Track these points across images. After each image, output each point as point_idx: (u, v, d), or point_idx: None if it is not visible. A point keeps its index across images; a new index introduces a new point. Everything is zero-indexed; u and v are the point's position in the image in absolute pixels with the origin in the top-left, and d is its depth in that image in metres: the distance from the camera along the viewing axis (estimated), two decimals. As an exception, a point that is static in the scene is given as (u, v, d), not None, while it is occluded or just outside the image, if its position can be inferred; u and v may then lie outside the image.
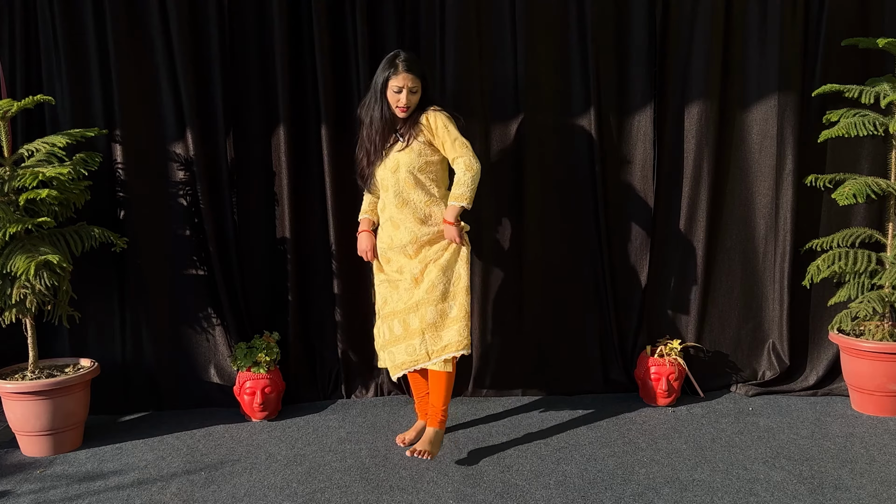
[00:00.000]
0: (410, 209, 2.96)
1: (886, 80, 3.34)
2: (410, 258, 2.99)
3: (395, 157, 2.97)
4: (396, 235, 2.99)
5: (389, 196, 2.99)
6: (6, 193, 3.09)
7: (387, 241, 3.03)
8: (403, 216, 2.96)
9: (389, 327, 3.02)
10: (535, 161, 3.56)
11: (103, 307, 3.56)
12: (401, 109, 2.92)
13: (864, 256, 3.36)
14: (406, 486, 2.71)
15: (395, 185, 2.96)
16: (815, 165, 3.57)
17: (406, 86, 2.88)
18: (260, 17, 3.51)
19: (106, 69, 3.45)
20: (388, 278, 3.05)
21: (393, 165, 2.97)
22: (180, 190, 3.55)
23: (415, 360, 2.95)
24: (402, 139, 2.96)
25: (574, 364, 3.67)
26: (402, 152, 2.95)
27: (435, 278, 2.92)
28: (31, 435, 3.10)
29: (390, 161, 2.98)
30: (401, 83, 2.88)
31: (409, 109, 2.92)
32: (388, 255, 3.04)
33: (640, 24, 3.52)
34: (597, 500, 2.58)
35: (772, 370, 3.64)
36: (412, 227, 2.96)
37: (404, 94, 2.88)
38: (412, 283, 2.97)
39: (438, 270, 2.93)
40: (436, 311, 2.91)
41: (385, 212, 3.04)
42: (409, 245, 2.97)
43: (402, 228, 2.97)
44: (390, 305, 3.02)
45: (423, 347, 2.92)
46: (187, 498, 2.67)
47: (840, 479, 2.69)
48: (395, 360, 3.00)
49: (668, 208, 3.63)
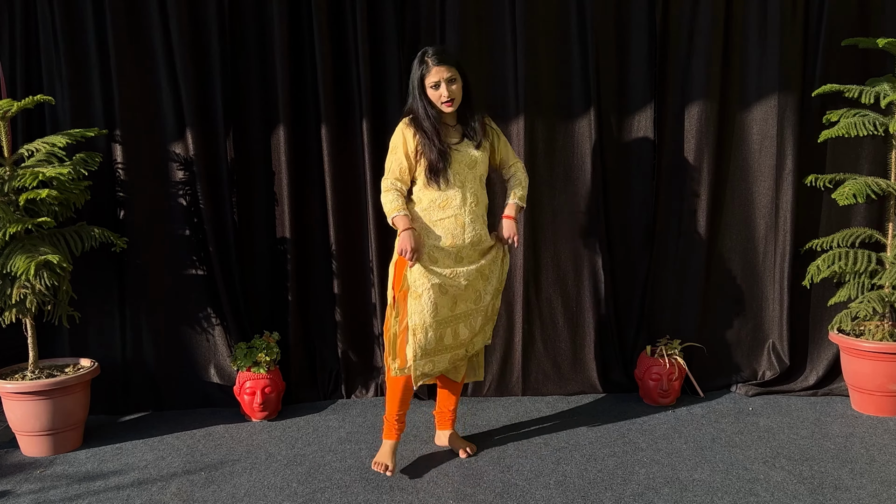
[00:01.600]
0: (480, 210, 2.90)
1: (886, 80, 3.34)
2: (461, 262, 2.85)
3: (473, 153, 2.87)
4: (458, 234, 2.83)
5: (463, 193, 2.84)
6: (6, 193, 3.09)
7: (444, 238, 2.82)
8: (474, 215, 2.86)
9: (440, 335, 2.82)
10: (535, 161, 3.56)
11: (103, 307, 3.56)
12: (446, 104, 2.79)
13: (864, 256, 3.36)
14: (406, 486, 2.71)
15: (473, 182, 2.87)
16: (815, 165, 3.57)
17: (442, 78, 2.76)
18: (260, 17, 3.51)
19: (106, 69, 3.45)
20: (440, 283, 2.81)
21: (471, 162, 2.87)
22: (180, 190, 3.56)
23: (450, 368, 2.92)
24: (472, 138, 2.88)
25: (574, 364, 3.67)
26: (479, 151, 2.88)
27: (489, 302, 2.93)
28: (31, 435, 3.10)
29: (466, 158, 2.86)
30: (436, 77, 2.77)
31: (455, 101, 2.81)
32: (436, 255, 2.82)
33: (640, 24, 3.52)
34: (597, 500, 2.58)
35: (772, 370, 3.64)
36: (479, 228, 2.88)
37: (444, 87, 2.77)
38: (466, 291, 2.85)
39: (494, 291, 2.95)
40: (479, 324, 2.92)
41: (448, 208, 2.84)
42: (469, 247, 2.85)
43: (469, 228, 2.85)
44: (442, 313, 2.81)
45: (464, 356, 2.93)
46: (187, 498, 2.67)
47: (840, 479, 2.69)
48: (436, 368, 2.83)
49: (668, 208, 3.63)
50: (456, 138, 2.89)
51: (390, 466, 2.83)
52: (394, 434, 2.91)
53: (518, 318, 3.63)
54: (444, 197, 2.85)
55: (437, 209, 2.85)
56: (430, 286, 2.79)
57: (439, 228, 2.84)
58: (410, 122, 2.85)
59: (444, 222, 2.84)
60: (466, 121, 2.90)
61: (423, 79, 2.80)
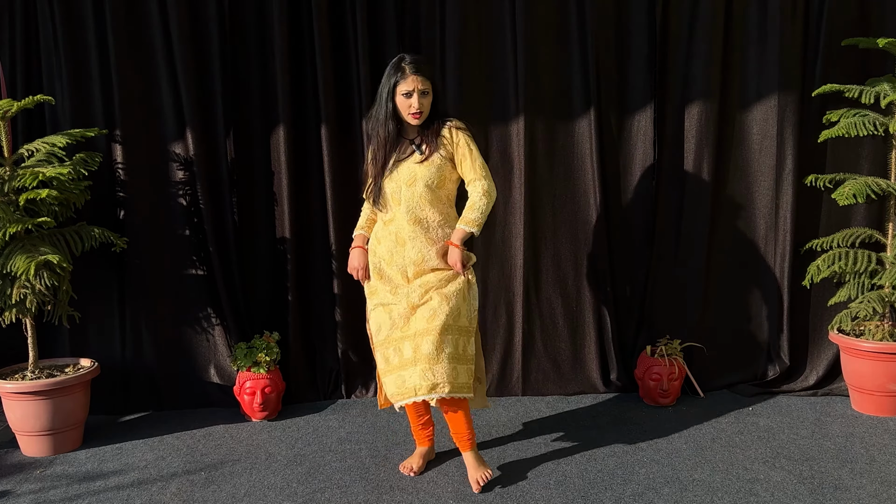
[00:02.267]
0: (422, 228, 2.71)
1: (886, 80, 3.34)
2: (408, 281, 2.73)
3: (412, 168, 2.71)
4: (399, 252, 2.73)
5: (401, 211, 2.72)
6: (6, 193, 3.09)
7: (385, 256, 2.76)
8: (414, 234, 2.71)
9: (384, 355, 2.73)
10: (535, 161, 3.56)
11: (103, 307, 3.56)
12: (414, 116, 2.68)
13: (864, 256, 3.36)
14: (406, 486, 2.71)
15: (410, 200, 2.70)
16: (815, 165, 3.57)
17: (416, 88, 2.65)
18: (260, 17, 3.51)
19: (106, 69, 3.45)
20: (381, 302, 2.77)
21: (409, 178, 2.71)
22: (180, 190, 3.56)
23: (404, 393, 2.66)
24: (420, 151, 2.73)
25: (574, 364, 3.68)
26: (421, 165, 2.71)
27: (437, 306, 2.65)
28: (31, 435, 3.10)
29: (405, 173, 2.72)
30: (410, 86, 2.65)
31: (423, 115, 2.69)
32: (384, 269, 2.76)
33: (640, 24, 3.52)
34: (597, 500, 2.58)
35: (772, 370, 3.64)
36: (421, 247, 2.70)
37: (415, 98, 2.65)
38: (409, 309, 2.70)
39: (441, 298, 2.66)
40: (432, 344, 2.60)
41: (390, 225, 2.76)
42: (411, 266, 2.71)
43: (410, 246, 2.71)
44: (384, 332, 2.72)
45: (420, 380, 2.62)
46: (187, 498, 2.67)
47: (840, 479, 2.69)
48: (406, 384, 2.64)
49: (668, 208, 3.63)
50: (405, 152, 2.75)
51: (414, 468, 2.83)
52: (421, 441, 2.91)
53: (518, 318, 3.63)
54: (389, 214, 2.77)
55: (382, 225, 2.81)
56: (373, 307, 2.80)
57: (383, 245, 2.78)
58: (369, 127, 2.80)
59: (385, 238, 2.78)
60: (425, 134, 2.75)
61: (395, 84, 2.67)
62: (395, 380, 2.67)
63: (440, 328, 2.61)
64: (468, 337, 2.70)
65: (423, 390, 2.60)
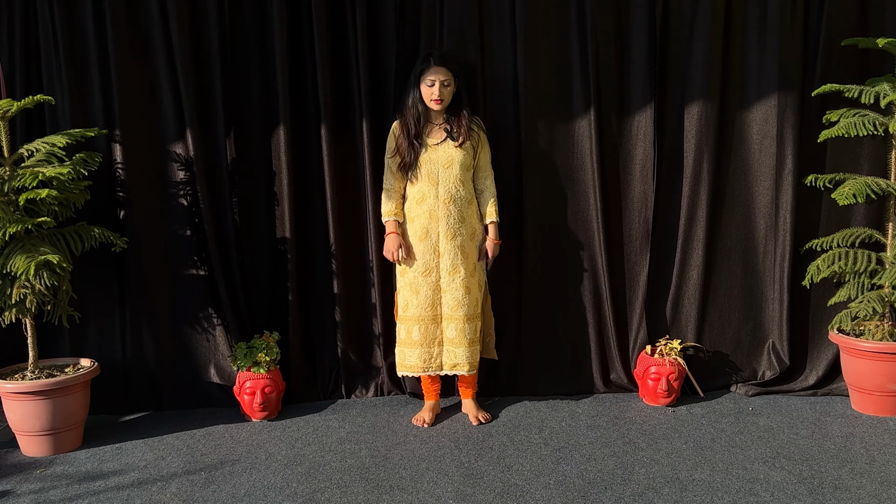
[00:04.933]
0: (456, 205, 3.18)
1: (886, 80, 3.35)
2: (439, 255, 3.18)
3: (449, 152, 3.19)
4: (434, 227, 3.18)
5: (437, 190, 3.18)
6: (6, 193, 3.09)
7: (420, 232, 3.20)
8: (448, 211, 3.17)
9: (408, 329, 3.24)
10: (535, 161, 3.56)
11: (103, 307, 3.56)
12: (435, 101, 3.14)
13: (863, 256, 3.36)
14: (406, 486, 2.71)
15: (447, 181, 3.18)
16: (815, 165, 3.57)
17: (438, 79, 3.12)
18: (260, 18, 3.51)
19: (106, 69, 3.45)
20: (410, 282, 3.22)
21: (447, 161, 3.18)
22: (180, 190, 3.55)
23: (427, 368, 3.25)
24: (453, 137, 3.18)
25: (574, 364, 3.68)
26: (458, 150, 3.19)
27: (461, 298, 3.19)
28: (31, 435, 3.10)
29: (443, 155, 3.19)
30: (432, 76, 3.12)
31: (444, 103, 3.16)
32: (418, 246, 3.20)
33: (640, 24, 3.52)
34: (597, 500, 2.58)
35: (772, 370, 3.64)
36: (455, 224, 3.18)
37: (436, 87, 3.12)
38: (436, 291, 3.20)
39: (464, 291, 3.21)
40: (456, 331, 3.20)
41: (423, 204, 3.20)
42: (443, 240, 3.17)
43: (444, 223, 3.17)
44: (411, 310, 3.22)
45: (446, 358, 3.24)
46: (187, 498, 2.67)
47: (840, 479, 2.69)
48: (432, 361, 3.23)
49: (668, 208, 3.63)
50: (438, 137, 3.21)
51: (427, 420, 3.27)
52: (430, 396, 3.34)
53: (517, 318, 3.63)
54: (420, 192, 3.21)
55: (415, 204, 3.23)
56: (402, 286, 3.25)
57: (416, 222, 3.21)
58: (398, 115, 3.23)
59: (420, 217, 3.21)
60: (452, 122, 3.21)
61: (421, 73, 3.16)
62: (421, 354, 3.22)
63: (464, 317, 3.20)
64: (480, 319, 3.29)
65: (447, 367, 3.24)
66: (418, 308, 3.21)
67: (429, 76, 3.13)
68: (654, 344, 3.56)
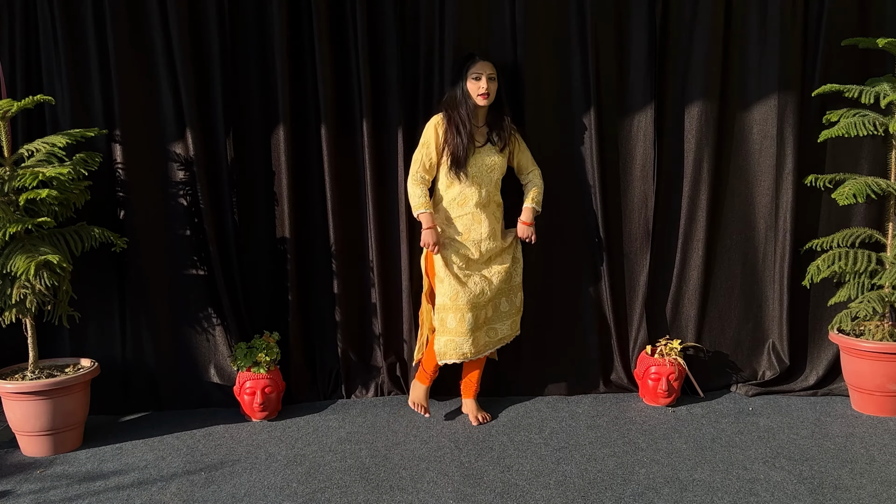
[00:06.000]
0: (491, 210, 3.27)
1: (886, 80, 3.35)
2: (480, 254, 3.25)
3: (493, 158, 3.25)
4: (476, 229, 3.24)
5: (480, 193, 3.23)
6: (6, 193, 3.09)
7: (462, 232, 3.24)
8: (488, 213, 3.25)
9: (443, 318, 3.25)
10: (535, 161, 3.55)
11: (103, 307, 3.56)
12: (482, 97, 3.15)
13: (864, 256, 3.36)
14: (406, 486, 2.71)
15: (489, 185, 3.25)
16: (815, 165, 3.57)
17: (485, 72, 3.15)
18: (260, 17, 3.51)
19: (106, 69, 3.45)
20: (453, 273, 3.24)
21: (490, 166, 3.24)
22: (180, 190, 3.56)
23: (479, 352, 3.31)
24: (493, 142, 3.25)
25: (574, 364, 3.68)
26: (499, 156, 3.26)
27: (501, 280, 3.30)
28: (31, 435, 3.10)
29: (487, 160, 3.24)
30: (479, 70, 3.15)
31: (490, 97, 3.17)
32: (460, 244, 3.25)
33: (640, 24, 3.52)
34: (597, 500, 2.58)
35: (772, 370, 3.64)
36: (493, 223, 3.27)
37: (484, 80, 3.14)
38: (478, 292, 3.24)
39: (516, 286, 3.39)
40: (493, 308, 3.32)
41: (466, 205, 3.24)
42: (485, 240, 3.24)
43: (485, 224, 3.24)
44: (462, 298, 3.22)
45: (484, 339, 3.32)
46: (187, 498, 2.67)
47: (840, 479, 2.69)
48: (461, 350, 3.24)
49: (667, 208, 3.63)
50: (481, 140, 3.25)
51: (425, 405, 3.33)
52: (426, 381, 3.34)
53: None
54: (463, 195, 3.24)
55: (456, 206, 3.25)
56: (448, 274, 3.23)
57: (459, 223, 3.25)
58: (444, 113, 3.23)
59: (462, 218, 3.25)
60: (493, 126, 3.26)
61: (468, 68, 3.18)
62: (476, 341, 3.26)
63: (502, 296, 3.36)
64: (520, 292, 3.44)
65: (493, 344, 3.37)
66: (457, 299, 3.21)
67: (475, 69, 3.15)
68: (654, 344, 3.56)
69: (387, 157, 3.58)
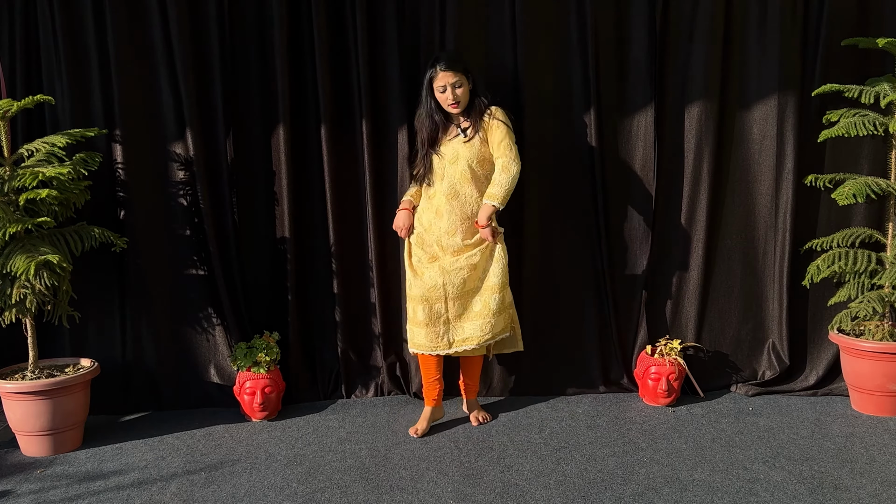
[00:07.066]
0: (459, 203, 3.13)
1: (886, 80, 3.34)
2: (442, 250, 3.16)
3: (456, 148, 3.15)
4: (436, 223, 3.16)
5: (443, 186, 3.15)
6: (6, 193, 3.09)
7: (426, 225, 3.19)
8: (451, 207, 3.13)
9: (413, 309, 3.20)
10: (535, 161, 3.55)
11: (103, 307, 3.56)
12: (452, 106, 3.11)
13: (863, 256, 3.36)
14: (406, 486, 2.71)
15: (452, 176, 3.14)
16: (815, 165, 3.57)
17: (448, 83, 3.08)
18: (260, 17, 3.51)
19: (106, 69, 3.45)
20: (415, 263, 3.22)
21: (453, 157, 3.15)
22: (180, 190, 3.56)
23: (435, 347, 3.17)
24: (465, 134, 3.15)
25: (574, 364, 3.67)
26: (465, 145, 3.14)
27: (466, 276, 3.14)
28: (31, 435, 3.10)
29: (450, 152, 3.16)
30: (442, 82, 3.08)
31: (460, 104, 3.12)
32: (424, 237, 3.20)
33: (641, 24, 3.51)
34: (597, 500, 2.58)
35: (772, 370, 3.64)
36: (455, 220, 3.13)
37: (449, 92, 3.08)
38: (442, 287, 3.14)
39: (470, 269, 3.15)
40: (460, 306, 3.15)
41: (433, 199, 3.19)
42: (444, 236, 3.14)
43: (445, 218, 3.14)
44: (414, 290, 3.19)
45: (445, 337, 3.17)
46: (187, 498, 2.67)
47: (840, 479, 2.69)
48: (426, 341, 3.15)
49: (667, 208, 3.63)
50: (453, 133, 3.19)
51: (419, 430, 3.18)
52: (429, 401, 3.25)
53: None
54: (433, 189, 3.21)
55: (425, 198, 3.26)
56: (409, 264, 3.24)
57: (424, 216, 3.22)
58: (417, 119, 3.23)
59: (426, 209, 3.22)
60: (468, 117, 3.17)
61: (431, 81, 3.12)
62: (428, 334, 3.16)
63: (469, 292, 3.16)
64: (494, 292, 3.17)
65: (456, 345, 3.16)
66: (421, 288, 3.16)
67: (438, 83, 3.09)
68: (654, 344, 3.56)
69: (387, 157, 3.58)
